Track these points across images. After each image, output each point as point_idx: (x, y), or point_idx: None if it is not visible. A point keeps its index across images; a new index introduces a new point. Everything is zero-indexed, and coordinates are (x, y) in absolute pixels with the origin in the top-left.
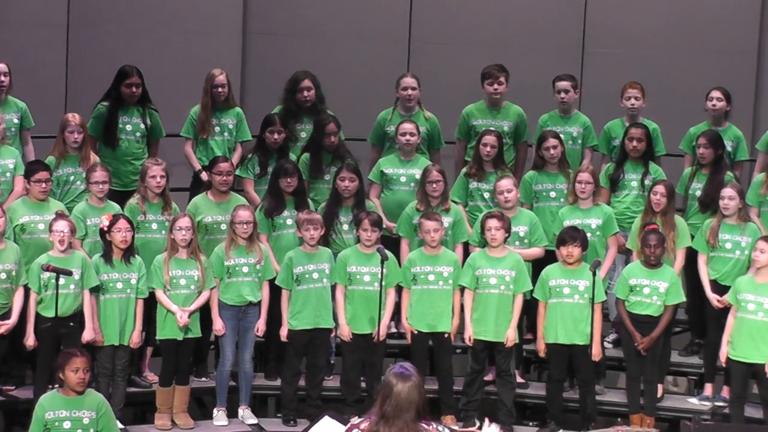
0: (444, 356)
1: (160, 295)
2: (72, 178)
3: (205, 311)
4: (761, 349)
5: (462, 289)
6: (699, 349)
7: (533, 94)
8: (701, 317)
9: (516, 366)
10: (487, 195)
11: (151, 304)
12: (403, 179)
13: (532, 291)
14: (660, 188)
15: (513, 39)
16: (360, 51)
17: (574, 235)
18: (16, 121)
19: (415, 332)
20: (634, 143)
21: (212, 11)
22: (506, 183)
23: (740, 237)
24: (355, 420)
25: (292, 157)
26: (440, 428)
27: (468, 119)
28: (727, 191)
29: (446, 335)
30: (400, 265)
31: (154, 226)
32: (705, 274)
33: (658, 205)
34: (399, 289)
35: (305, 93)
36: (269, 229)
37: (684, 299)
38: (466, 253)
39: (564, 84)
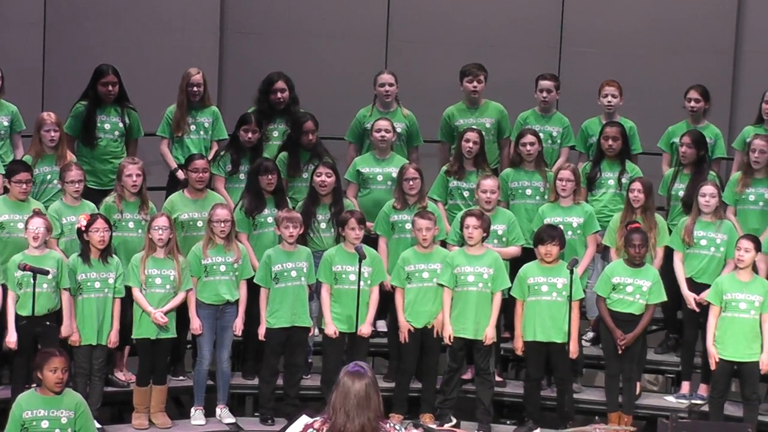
0: (433, 355)
1: (136, 293)
2: (49, 177)
3: (182, 310)
4: (752, 347)
5: (441, 288)
6: (674, 345)
7: (511, 93)
8: (676, 315)
9: (494, 364)
10: (466, 194)
11: (127, 303)
12: (379, 178)
13: (510, 289)
14: (637, 185)
15: (491, 38)
16: (338, 49)
17: (552, 234)
18: (6, 123)
19: (412, 330)
20: (610, 142)
21: (190, 9)
22: (491, 183)
23: (715, 234)
24: (308, 420)
25: (267, 157)
26: (397, 427)
27: (449, 121)
28: (708, 189)
29: (434, 333)
30: (384, 263)
31: (131, 224)
32: (681, 272)
33: (636, 201)
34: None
35: (279, 94)
36: (249, 228)
37: (666, 299)
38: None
39: (547, 83)
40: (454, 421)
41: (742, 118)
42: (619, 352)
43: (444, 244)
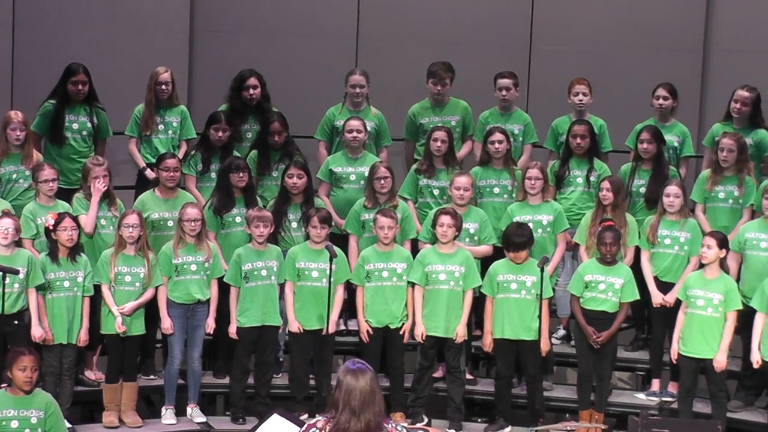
0: (397, 353)
1: (105, 290)
2: (15, 176)
3: (152, 308)
4: (711, 345)
5: (412, 286)
6: (644, 344)
7: (481, 91)
8: (645, 313)
9: (465, 362)
10: (437, 192)
11: (97, 301)
12: (352, 177)
13: (481, 287)
14: (605, 184)
15: (461, 36)
16: (308, 48)
17: (519, 242)
18: None
19: (371, 331)
20: (578, 140)
21: (159, 8)
22: (464, 180)
23: (679, 233)
24: (310, 420)
25: (238, 155)
26: (398, 428)
27: (415, 119)
28: (672, 189)
29: (400, 332)
30: (348, 261)
31: (103, 222)
32: (648, 271)
33: (606, 200)
34: (348, 286)
35: (251, 91)
36: (218, 227)
37: (638, 297)
38: (414, 250)
39: (505, 81)
40: (426, 419)
41: (711, 115)
42: (596, 347)
43: (415, 242)
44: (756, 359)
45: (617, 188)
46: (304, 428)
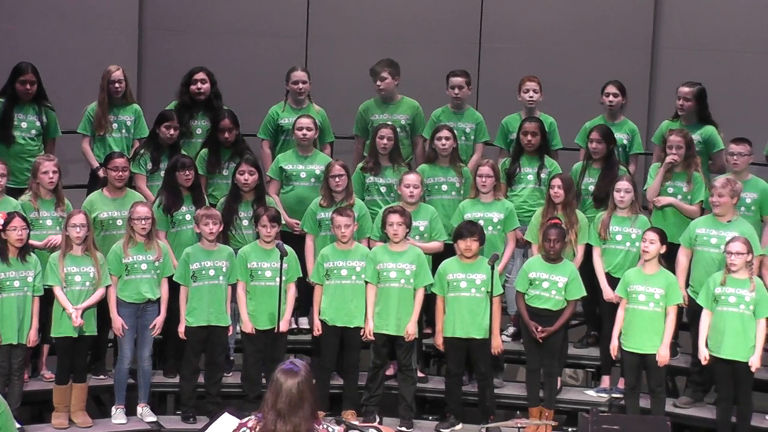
0: (353, 351)
1: (58, 292)
2: None
3: (102, 309)
4: (653, 340)
5: (365, 284)
6: (595, 341)
7: (431, 89)
8: (596, 310)
9: (416, 360)
10: (383, 189)
11: (47, 301)
12: (302, 175)
13: (432, 285)
14: (557, 181)
15: (410, 34)
16: (257, 46)
17: (471, 229)
18: None
19: (319, 332)
20: (529, 137)
21: (108, 7)
22: (413, 178)
23: (630, 229)
24: (243, 418)
25: (185, 153)
26: (330, 429)
27: (365, 115)
28: (623, 184)
29: (361, 331)
30: (300, 260)
31: (49, 222)
32: (600, 267)
33: (556, 197)
34: (302, 284)
35: (199, 85)
36: (168, 226)
37: (585, 294)
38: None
39: (458, 80)
40: (378, 418)
41: (660, 112)
42: (539, 339)
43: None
44: (704, 355)
45: (568, 186)
46: (236, 427)
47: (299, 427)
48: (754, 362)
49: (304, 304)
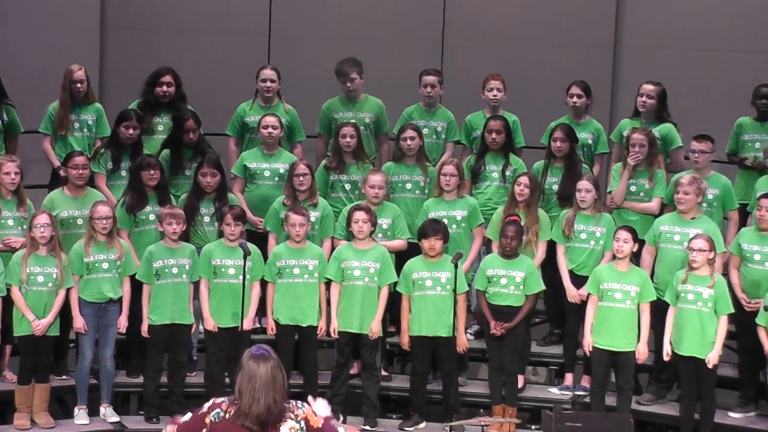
0: (309, 350)
1: (15, 293)
2: None
3: (64, 308)
4: (628, 337)
5: (328, 282)
6: (558, 339)
7: (394, 88)
8: (559, 308)
9: (380, 359)
10: (348, 186)
11: (9, 301)
12: (266, 173)
13: (396, 283)
14: (524, 179)
15: (373, 32)
16: (220, 45)
17: (435, 228)
18: None
19: (273, 331)
20: (494, 135)
21: (69, 5)
22: (378, 179)
23: (594, 227)
24: (217, 399)
25: (147, 152)
26: (299, 404)
27: (329, 113)
28: (584, 184)
29: (315, 329)
30: (264, 259)
31: (11, 222)
32: (563, 265)
33: (521, 196)
34: (264, 283)
35: (164, 88)
36: (131, 225)
37: (543, 288)
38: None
39: (431, 78)
40: (342, 417)
41: (622, 111)
42: (497, 334)
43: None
44: (666, 351)
45: (535, 185)
46: (209, 404)
47: (272, 407)
48: (712, 359)
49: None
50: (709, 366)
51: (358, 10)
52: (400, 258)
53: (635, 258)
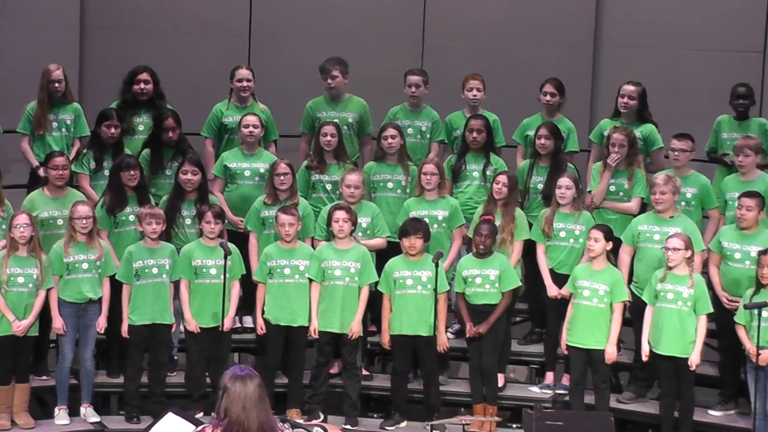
0: (298, 350)
1: None
2: None
3: (44, 308)
4: (596, 335)
5: (310, 282)
6: (539, 338)
7: (374, 87)
8: (540, 306)
9: (361, 358)
10: (329, 186)
11: None
12: (247, 173)
13: (377, 283)
14: (503, 178)
15: (354, 32)
16: (201, 45)
17: (416, 227)
18: None
19: (263, 331)
20: (475, 134)
21: (49, 5)
22: (355, 178)
23: (574, 225)
24: (198, 427)
25: (128, 152)
26: (286, 426)
27: (312, 112)
28: (564, 181)
29: (305, 329)
30: (244, 258)
31: None
32: (544, 263)
33: (498, 194)
34: (247, 283)
35: (142, 85)
36: (111, 226)
37: (519, 284)
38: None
39: (416, 78)
40: (322, 416)
41: (601, 110)
42: (473, 334)
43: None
44: (645, 351)
45: (513, 185)
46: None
47: (264, 424)
48: (694, 360)
49: (248, 303)
50: (692, 368)
51: (338, 9)
52: (381, 257)
53: (615, 257)
